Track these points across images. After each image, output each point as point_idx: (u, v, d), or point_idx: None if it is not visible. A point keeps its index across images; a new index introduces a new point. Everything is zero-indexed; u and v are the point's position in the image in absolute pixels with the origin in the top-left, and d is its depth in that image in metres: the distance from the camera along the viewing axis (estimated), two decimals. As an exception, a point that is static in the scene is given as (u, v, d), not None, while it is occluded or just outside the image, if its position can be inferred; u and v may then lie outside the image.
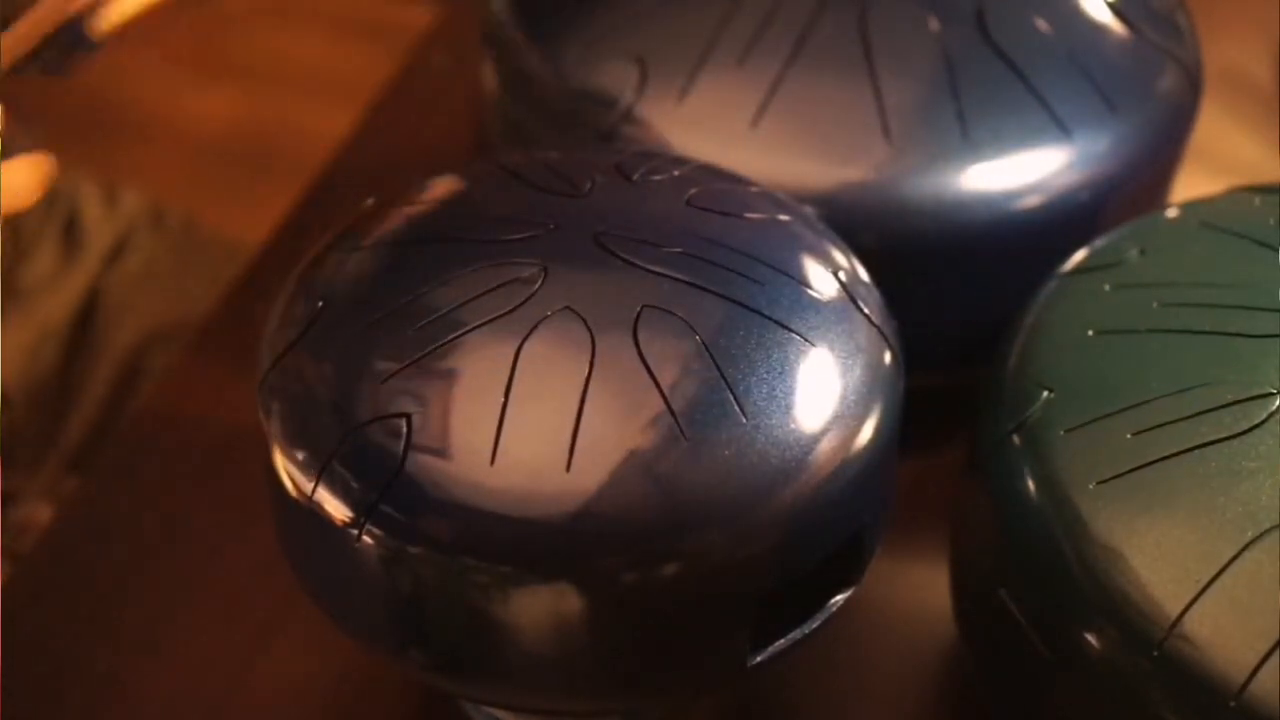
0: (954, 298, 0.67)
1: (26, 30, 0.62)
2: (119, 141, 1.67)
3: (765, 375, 0.50)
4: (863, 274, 0.56)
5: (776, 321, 0.51)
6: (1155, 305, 0.57)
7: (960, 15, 0.66)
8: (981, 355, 0.60)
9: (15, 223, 0.92)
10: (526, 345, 0.50)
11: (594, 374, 0.49)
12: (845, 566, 0.53)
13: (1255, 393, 0.53)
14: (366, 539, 0.48)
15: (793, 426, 0.49)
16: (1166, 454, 0.52)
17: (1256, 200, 0.63)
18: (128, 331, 0.93)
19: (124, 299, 0.94)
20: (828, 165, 0.64)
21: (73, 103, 1.73)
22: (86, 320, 0.93)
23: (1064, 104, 0.65)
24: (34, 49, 0.63)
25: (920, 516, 0.65)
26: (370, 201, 0.58)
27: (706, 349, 0.50)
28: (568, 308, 0.51)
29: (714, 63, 0.66)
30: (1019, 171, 0.64)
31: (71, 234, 0.94)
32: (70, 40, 0.61)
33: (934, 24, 0.66)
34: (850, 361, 0.52)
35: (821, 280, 0.54)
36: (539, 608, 0.49)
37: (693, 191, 0.56)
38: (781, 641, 0.52)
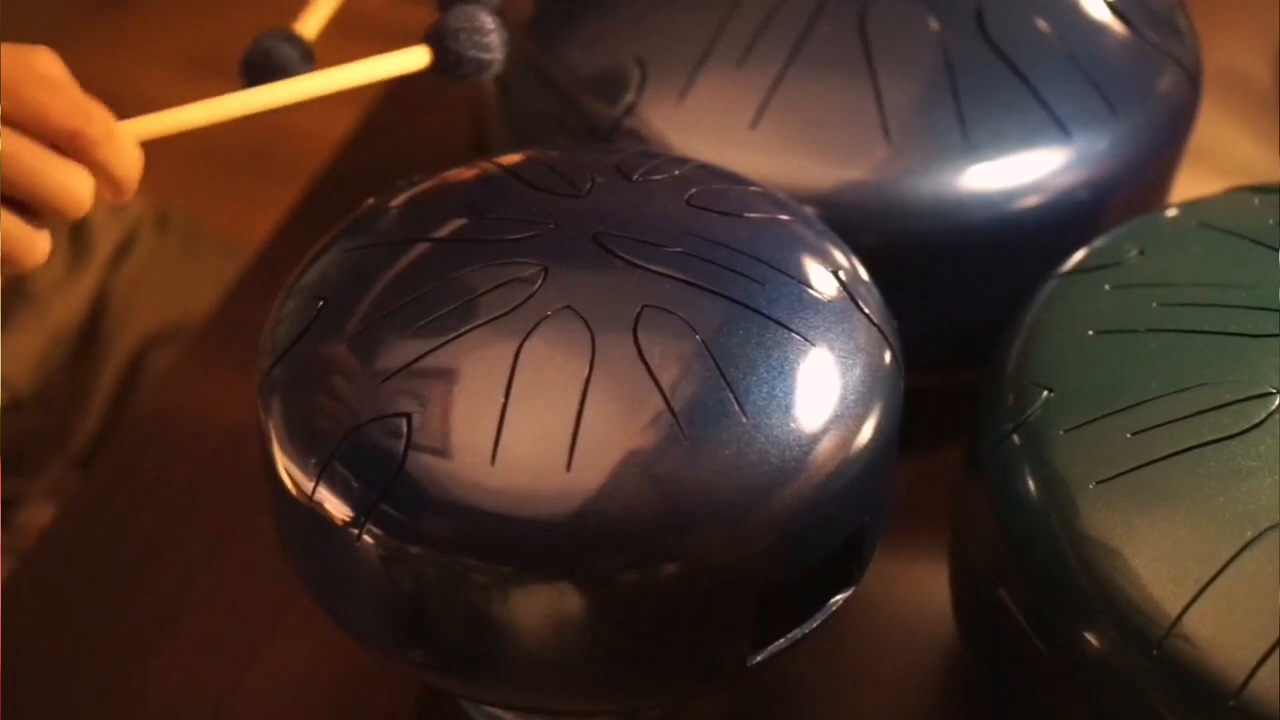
0: (954, 298, 0.67)
1: None
2: (119, 142, 1.66)
3: (765, 375, 0.50)
4: (863, 274, 0.56)
5: (777, 321, 0.51)
6: (1155, 305, 0.57)
7: (960, 15, 0.66)
8: (981, 355, 0.60)
9: None
10: (526, 345, 0.50)
11: (594, 374, 0.49)
12: (845, 566, 0.53)
13: (1255, 393, 0.53)
14: (367, 538, 0.48)
15: (793, 426, 0.49)
16: (1166, 454, 0.52)
17: (1256, 200, 0.63)
18: (134, 332, 0.93)
19: (130, 300, 0.94)
20: (828, 165, 0.64)
21: (73, 103, 1.73)
22: (95, 322, 0.93)
23: (1064, 104, 0.65)
24: None
25: (920, 516, 0.65)
26: (370, 201, 0.58)
27: (706, 349, 0.50)
28: (568, 307, 0.51)
29: (714, 63, 0.66)
30: (1019, 171, 0.64)
31: (78, 236, 0.94)
32: None
33: (934, 24, 0.66)
34: (850, 361, 0.52)
35: (821, 280, 0.54)
36: (539, 607, 0.49)
37: (693, 191, 0.56)
38: (781, 641, 0.52)
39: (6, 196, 0.51)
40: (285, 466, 0.50)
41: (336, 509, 0.49)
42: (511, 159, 0.59)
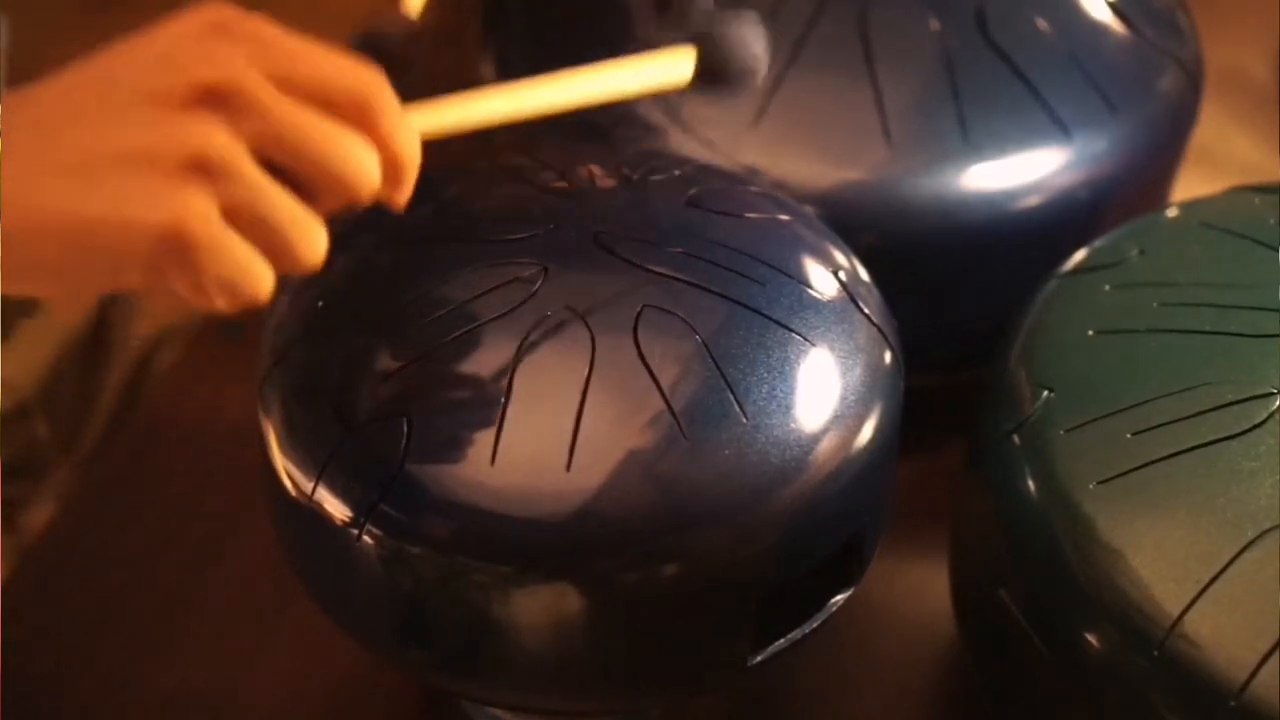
0: (954, 298, 0.67)
1: None
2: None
3: (765, 375, 0.50)
4: (863, 274, 0.56)
5: (776, 321, 0.51)
6: (1155, 305, 0.57)
7: (960, 15, 0.66)
8: (981, 355, 0.60)
9: None
10: (526, 345, 0.50)
11: (594, 374, 0.49)
12: (845, 566, 0.53)
13: (1255, 393, 0.53)
14: (366, 539, 0.48)
15: (793, 426, 0.49)
16: (1166, 454, 0.52)
17: (1256, 200, 0.63)
18: (139, 335, 0.93)
19: (134, 301, 0.94)
20: (828, 165, 0.64)
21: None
22: (101, 327, 0.93)
23: (1064, 104, 0.65)
24: None
25: (920, 516, 0.64)
26: (370, 201, 0.58)
27: (707, 349, 0.50)
28: (568, 307, 0.51)
29: (714, 63, 0.66)
30: (1019, 171, 0.64)
31: None
32: None
33: (934, 24, 0.66)
34: (850, 361, 0.52)
35: (822, 280, 0.54)
36: (539, 607, 0.49)
37: (693, 191, 0.56)
38: (781, 641, 0.52)
39: (284, 174, 0.42)
40: (285, 466, 0.50)
41: (336, 509, 0.49)
42: (512, 159, 0.59)
